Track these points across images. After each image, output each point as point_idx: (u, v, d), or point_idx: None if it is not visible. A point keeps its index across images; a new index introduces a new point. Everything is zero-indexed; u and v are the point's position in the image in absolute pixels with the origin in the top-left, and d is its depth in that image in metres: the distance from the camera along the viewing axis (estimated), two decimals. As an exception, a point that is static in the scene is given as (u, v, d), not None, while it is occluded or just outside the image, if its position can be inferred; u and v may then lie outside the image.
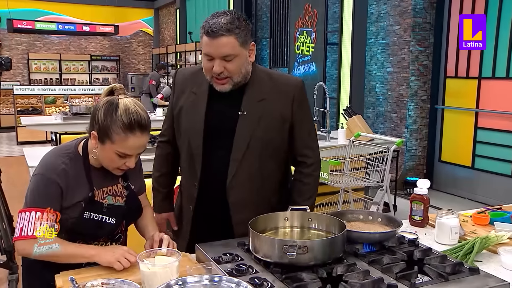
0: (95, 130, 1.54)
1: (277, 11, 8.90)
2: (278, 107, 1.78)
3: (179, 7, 13.66)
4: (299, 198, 1.87)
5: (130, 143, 1.52)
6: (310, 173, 1.88)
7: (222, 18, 1.64)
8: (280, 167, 1.87)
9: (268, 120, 1.77)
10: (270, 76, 1.84)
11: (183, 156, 1.88)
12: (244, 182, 1.77)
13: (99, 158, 1.58)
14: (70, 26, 12.83)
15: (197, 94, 1.81)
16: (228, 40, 1.64)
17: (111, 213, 1.60)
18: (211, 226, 1.85)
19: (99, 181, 1.61)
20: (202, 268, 1.41)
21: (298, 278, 1.32)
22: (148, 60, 15.85)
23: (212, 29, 1.63)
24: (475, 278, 1.36)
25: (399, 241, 1.59)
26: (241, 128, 1.75)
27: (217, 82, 1.73)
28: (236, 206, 1.79)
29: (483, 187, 5.42)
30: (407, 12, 5.83)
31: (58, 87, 10.83)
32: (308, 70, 7.55)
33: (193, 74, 1.88)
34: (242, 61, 1.70)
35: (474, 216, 2.01)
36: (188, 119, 1.82)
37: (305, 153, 1.87)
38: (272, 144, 1.79)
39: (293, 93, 1.81)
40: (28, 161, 3.47)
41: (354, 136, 3.87)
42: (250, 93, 1.77)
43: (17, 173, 6.93)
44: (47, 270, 1.50)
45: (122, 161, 1.56)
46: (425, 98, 5.99)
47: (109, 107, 1.53)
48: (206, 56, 1.69)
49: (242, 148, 1.75)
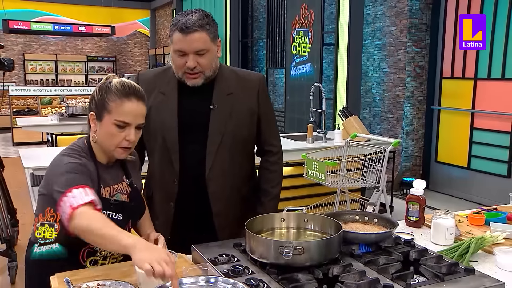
0: (93, 110, 1.56)
1: (274, 12, 8.91)
2: (245, 100, 1.90)
3: (175, 8, 13.64)
4: (268, 185, 1.99)
5: (127, 109, 1.53)
6: (276, 161, 2.01)
7: (192, 15, 1.73)
8: (249, 158, 1.99)
9: (238, 113, 1.86)
10: (235, 73, 1.95)
11: (156, 155, 1.91)
12: (220, 173, 1.85)
13: (99, 140, 1.57)
14: (66, 27, 12.80)
15: (166, 93, 1.87)
16: (201, 35, 1.72)
17: (117, 209, 1.59)
18: (192, 220, 1.90)
19: (105, 178, 1.60)
20: (198, 269, 1.41)
21: (294, 279, 1.33)
22: (145, 61, 15.83)
23: (186, 25, 1.71)
24: (470, 278, 1.37)
25: (395, 241, 1.60)
26: (214, 122, 1.84)
27: (189, 77, 1.79)
28: (214, 197, 1.86)
29: (479, 188, 5.44)
30: (403, 13, 5.85)
31: (54, 88, 10.78)
32: (304, 70, 7.56)
33: (157, 75, 1.95)
34: (213, 56, 1.79)
35: (470, 216, 2.01)
36: (160, 118, 1.86)
37: (271, 142, 2.00)
38: (243, 136, 1.89)
39: (258, 87, 1.93)
40: (24, 162, 3.45)
41: (351, 136, 3.87)
42: (219, 88, 1.86)
43: (12, 174, 6.90)
44: (48, 270, 1.49)
45: (122, 135, 1.54)
46: (421, 98, 6.00)
47: (103, 84, 1.57)
48: (179, 52, 1.76)
49: (216, 141, 1.83)
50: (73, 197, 1.41)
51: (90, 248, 1.58)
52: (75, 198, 1.40)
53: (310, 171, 3.60)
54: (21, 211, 5.17)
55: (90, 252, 1.60)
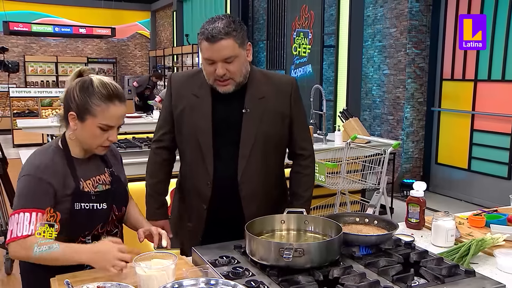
0: (73, 109, 1.55)
1: (274, 13, 8.92)
2: (277, 104, 1.89)
3: (176, 10, 13.66)
4: (299, 189, 1.99)
5: (112, 113, 1.54)
6: (308, 164, 2.00)
7: (218, 22, 1.72)
8: (280, 161, 1.99)
9: (270, 117, 1.86)
10: (266, 76, 1.94)
11: (189, 158, 1.91)
12: (253, 176, 1.85)
13: (80, 139, 1.58)
14: (67, 29, 12.80)
15: (200, 96, 1.87)
16: (228, 43, 1.71)
17: (100, 199, 1.60)
18: (224, 223, 1.89)
19: (85, 172, 1.61)
20: (198, 271, 1.41)
21: (295, 281, 1.32)
22: (145, 63, 15.84)
23: (212, 34, 1.70)
24: (471, 280, 1.37)
25: (396, 243, 1.59)
26: (246, 125, 1.84)
27: (220, 84, 1.80)
28: (247, 200, 1.86)
29: (479, 189, 5.44)
30: (404, 14, 5.85)
31: (54, 90, 10.78)
32: (304, 72, 7.56)
33: (191, 77, 1.94)
34: (242, 62, 1.78)
35: (470, 218, 2.01)
36: (193, 121, 1.86)
37: (303, 146, 1.99)
38: (275, 139, 1.89)
39: (290, 91, 1.92)
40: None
41: (351, 138, 3.87)
42: (251, 92, 1.86)
43: (13, 176, 6.89)
44: (46, 273, 1.49)
45: (105, 136, 1.56)
46: (421, 100, 6.01)
47: (83, 84, 1.55)
48: (208, 60, 1.76)
49: (249, 144, 1.83)
50: (16, 223, 1.46)
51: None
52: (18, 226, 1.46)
53: (310, 172, 3.60)
54: (21, 212, 5.17)
55: None
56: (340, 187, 3.68)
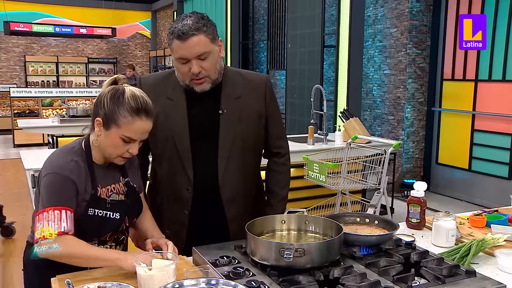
0: (100, 116, 1.55)
1: (274, 13, 8.92)
2: (253, 103, 1.88)
3: (176, 10, 13.66)
4: (276, 186, 1.98)
5: (136, 127, 1.54)
6: (284, 162, 2.00)
7: (187, 19, 1.69)
8: (257, 161, 1.98)
9: (246, 116, 1.85)
10: (240, 75, 1.93)
11: (165, 163, 1.86)
12: (232, 178, 1.84)
13: (101, 146, 1.58)
14: (67, 29, 12.80)
15: (174, 99, 1.83)
16: (199, 39, 1.68)
17: (114, 209, 1.60)
18: (206, 227, 1.87)
19: (102, 178, 1.61)
20: (199, 271, 1.41)
21: (295, 281, 1.32)
22: (146, 63, 15.85)
23: (182, 31, 1.67)
24: (471, 280, 1.37)
25: (396, 243, 1.59)
26: (224, 126, 1.82)
27: (196, 83, 1.76)
28: (228, 202, 1.85)
29: (480, 189, 5.43)
30: (404, 14, 5.85)
31: (55, 90, 10.79)
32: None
33: (163, 80, 1.90)
34: (215, 58, 1.75)
35: (471, 218, 2.01)
36: (169, 125, 1.82)
37: (279, 144, 1.99)
38: (252, 139, 1.88)
39: (264, 89, 1.91)
40: (25, 164, 3.46)
41: (351, 138, 3.87)
42: (227, 92, 1.84)
43: (13, 176, 6.91)
44: (52, 274, 1.49)
45: (126, 148, 1.56)
46: (422, 100, 6.00)
47: (115, 93, 1.55)
48: (181, 60, 1.72)
49: (227, 146, 1.82)
50: (47, 221, 1.45)
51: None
52: (49, 224, 1.45)
53: (310, 173, 3.61)
54: (21, 212, 5.17)
55: None
56: (340, 187, 3.68)
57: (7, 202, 5.68)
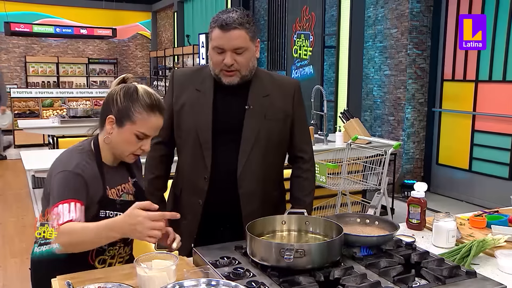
0: (113, 113, 1.55)
1: (275, 14, 8.92)
2: (280, 103, 1.88)
3: (176, 10, 13.67)
4: (301, 193, 1.96)
5: (151, 123, 1.56)
6: (308, 168, 1.98)
7: (233, 13, 1.73)
8: (280, 162, 1.97)
9: (273, 115, 1.85)
10: (271, 76, 1.95)
11: (187, 152, 1.89)
12: (252, 173, 1.83)
13: (113, 143, 1.58)
14: (68, 29, 12.79)
15: (202, 90, 1.86)
16: (240, 33, 1.72)
17: (124, 209, 1.58)
18: (220, 220, 1.88)
19: (112, 179, 1.61)
20: (199, 271, 1.41)
21: (296, 282, 1.32)
22: (146, 63, 15.84)
23: (226, 22, 1.70)
24: (472, 281, 1.37)
25: (397, 244, 1.59)
26: (248, 122, 1.83)
27: (226, 74, 1.79)
28: (245, 197, 1.84)
29: (480, 190, 5.43)
30: (404, 15, 5.85)
31: (55, 90, 10.80)
32: (305, 73, 7.56)
33: (194, 73, 1.94)
34: (250, 55, 1.78)
35: (471, 219, 2.01)
36: (194, 115, 1.85)
37: (303, 148, 1.98)
38: (276, 138, 1.88)
39: (293, 92, 1.92)
40: (25, 164, 3.46)
41: (352, 139, 3.87)
42: (255, 89, 1.85)
43: (14, 176, 6.91)
44: (53, 274, 1.49)
45: (139, 144, 1.57)
46: (422, 101, 6.00)
47: (128, 90, 1.56)
48: (217, 48, 1.75)
49: (250, 141, 1.82)
50: (56, 214, 1.44)
51: (98, 247, 1.59)
52: (58, 216, 1.44)
53: (311, 173, 3.60)
54: (22, 213, 5.18)
55: (99, 251, 1.61)
56: (341, 187, 3.68)
57: (7, 202, 5.69)
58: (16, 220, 4.84)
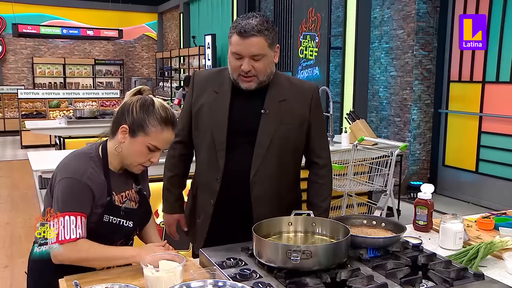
0: (127, 123, 1.56)
1: (281, 15, 8.93)
2: (297, 108, 1.88)
3: (182, 12, 13.71)
4: (317, 199, 1.96)
5: (164, 136, 1.58)
6: (325, 173, 1.97)
7: (252, 19, 1.74)
8: (296, 166, 1.96)
9: (288, 120, 1.86)
10: (289, 80, 1.95)
11: (203, 152, 1.92)
12: (266, 177, 1.83)
13: (124, 153, 1.59)
14: (74, 31, 12.87)
15: (220, 93, 1.88)
16: (258, 40, 1.73)
17: (128, 217, 1.62)
18: (230, 221, 1.90)
19: (117, 185, 1.62)
20: (205, 272, 1.41)
21: (302, 283, 1.32)
22: (152, 64, 15.90)
23: (245, 29, 1.72)
24: (480, 283, 1.36)
25: (403, 246, 1.59)
26: (264, 126, 1.83)
27: (244, 80, 1.80)
28: (257, 200, 1.85)
29: (487, 192, 5.40)
30: (411, 16, 5.83)
31: (62, 91, 10.86)
32: (311, 74, 7.55)
33: (213, 75, 1.97)
34: (268, 61, 1.79)
35: (479, 221, 2.00)
36: (211, 116, 1.87)
37: (320, 153, 1.97)
38: (292, 143, 1.88)
39: (311, 96, 1.92)
40: (33, 165, 3.48)
41: (358, 140, 3.87)
42: (272, 93, 1.86)
43: (21, 177, 6.96)
44: (53, 274, 1.50)
45: (149, 156, 1.60)
46: (428, 102, 5.98)
47: (145, 102, 1.58)
48: (235, 54, 1.77)
49: (265, 144, 1.82)
50: (62, 226, 1.47)
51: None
52: (64, 229, 1.47)
53: (317, 174, 3.60)
54: (29, 213, 5.20)
55: None
56: (347, 189, 3.68)
57: (14, 203, 5.72)
58: (23, 220, 4.86)
